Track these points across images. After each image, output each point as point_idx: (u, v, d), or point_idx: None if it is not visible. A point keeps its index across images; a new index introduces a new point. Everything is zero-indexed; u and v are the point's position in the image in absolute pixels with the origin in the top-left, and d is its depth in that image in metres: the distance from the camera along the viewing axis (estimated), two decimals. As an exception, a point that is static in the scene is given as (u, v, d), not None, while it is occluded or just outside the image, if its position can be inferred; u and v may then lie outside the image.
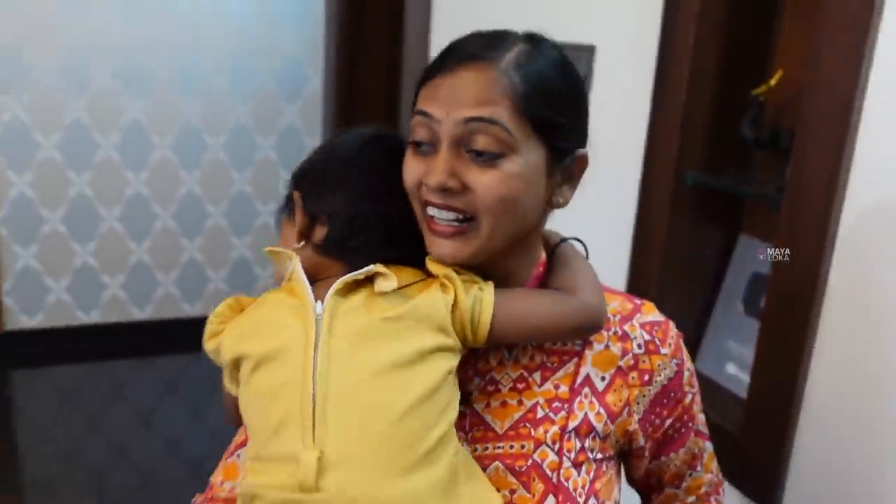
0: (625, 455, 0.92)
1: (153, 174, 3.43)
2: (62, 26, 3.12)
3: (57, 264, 3.38)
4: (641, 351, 0.87)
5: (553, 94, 0.77)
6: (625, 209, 1.60)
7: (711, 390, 1.51)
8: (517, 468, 0.81)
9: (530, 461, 0.81)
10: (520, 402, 0.83)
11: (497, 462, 0.82)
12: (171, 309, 3.62)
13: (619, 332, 0.87)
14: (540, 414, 0.83)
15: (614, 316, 0.88)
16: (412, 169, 0.79)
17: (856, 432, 1.15)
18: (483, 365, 0.85)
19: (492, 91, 0.74)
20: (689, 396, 0.93)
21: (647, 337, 0.88)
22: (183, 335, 3.51)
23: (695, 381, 0.94)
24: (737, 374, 1.48)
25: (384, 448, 0.70)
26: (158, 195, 3.47)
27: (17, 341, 3.37)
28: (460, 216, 0.77)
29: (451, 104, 0.75)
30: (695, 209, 1.51)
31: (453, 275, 0.77)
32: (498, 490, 0.79)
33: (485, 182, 0.75)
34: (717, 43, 1.41)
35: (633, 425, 0.87)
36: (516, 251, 0.83)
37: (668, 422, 0.90)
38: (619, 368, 0.86)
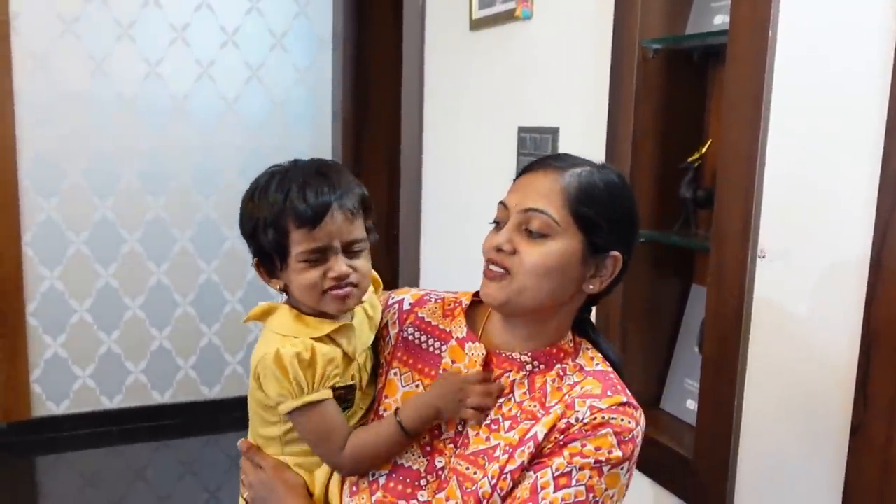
0: None
1: (174, 265, 3.68)
2: (92, 136, 3.44)
3: (83, 352, 3.60)
4: (574, 422, 0.97)
5: (596, 200, 1.01)
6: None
7: (674, 425, 1.67)
8: (465, 487, 1.00)
9: (474, 486, 0.99)
10: (487, 438, 1.02)
11: (455, 476, 1.01)
12: (191, 392, 3.80)
13: (569, 402, 0.99)
14: (496, 453, 1.00)
15: (582, 395, 1.00)
16: (488, 238, 1.05)
17: (789, 446, 1.31)
18: None
19: (552, 190, 1.00)
20: (562, 460, 0.95)
21: (587, 416, 0.97)
22: (201, 417, 3.70)
23: (584, 472, 0.94)
24: (694, 408, 1.64)
25: None
26: (179, 285, 3.71)
27: (44, 427, 3.55)
28: (504, 270, 1.01)
29: (521, 197, 1.02)
30: (649, 264, 1.70)
31: None
32: (449, 499, 0.99)
33: (530, 251, 1.00)
34: (654, 120, 1.64)
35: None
36: (538, 320, 1.05)
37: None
38: (556, 427, 0.98)
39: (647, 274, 1.71)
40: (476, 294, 1.17)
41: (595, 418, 0.96)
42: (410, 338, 1.15)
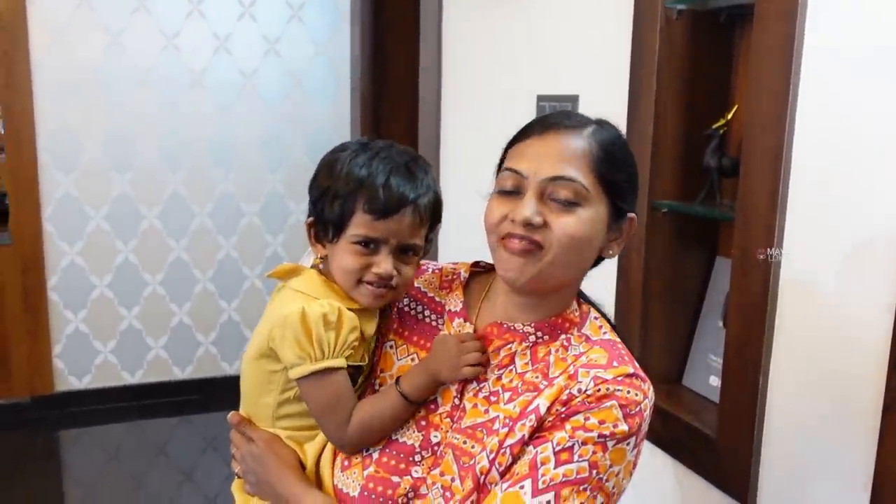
0: None
1: (192, 241, 3.68)
2: (109, 110, 3.43)
3: (104, 328, 3.61)
4: (577, 393, 0.91)
5: (617, 161, 0.96)
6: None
7: (697, 401, 1.62)
8: (462, 462, 0.95)
9: (472, 461, 0.93)
10: (486, 411, 0.97)
11: (451, 449, 0.96)
12: (210, 368, 3.80)
13: (573, 372, 0.94)
14: (495, 426, 0.95)
15: (586, 365, 0.95)
16: (496, 209, 0.96)
17: (818, 425, 1.25)
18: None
19: (575, 154, 0.94)
20: (563, 434, 0.89)
21: (591, 386, 0.91)
22: (221, 393, 3.71)
23: (588, 447, 0.88)
24: (717, 385, 1.58)
25: None
26: (197, 261, 3.71)
27: (67, 402, 3.58)
28: (535, 245, 0.93)
29: (539, 163, 0.94)
30: (671, 235, 1.64)
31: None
32: (444, 474, 0.95)
33: (562, 221, 0.93)
34: (678, 85, 1.57)
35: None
36: (559, 287, 0.99)
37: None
38: (558, 399, 0.92)
39: (669, 246, 1.64)
40: (475, 265, 1.13)
41: (599, 390, 0.90)
42: (407, 308, 1.11)
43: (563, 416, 0.91)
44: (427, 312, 1.09)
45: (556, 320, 1.01)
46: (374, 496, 0.96)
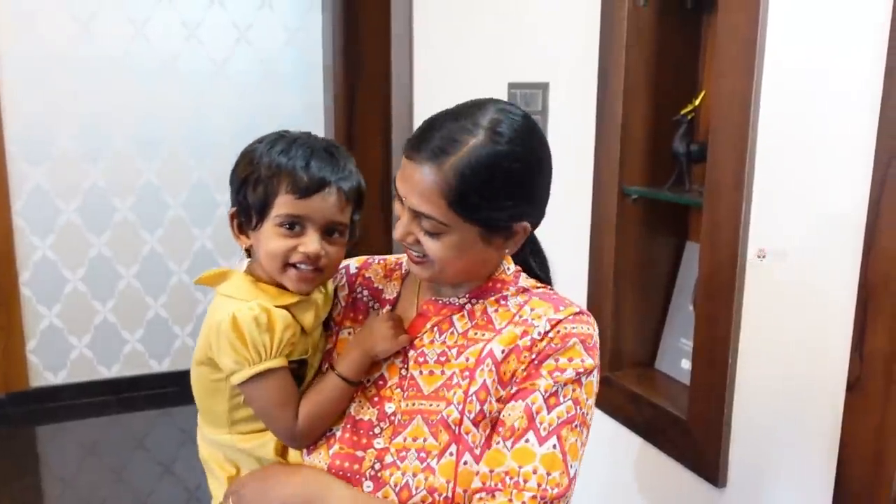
0: None
1: (167, 232, 3.64)
2: (79, 99, 3.38)
3: (79, 322, 3.58)
4: (538, 337, 0.98)
5: (482, 192, 0.95)
6: (581, 226, 1.76)
7: (669, 385, 1.64)
8: (431, 421, 0.99)
9: (440, 416, 0.98)
10: (442, 372, 1.02)
11: (419, 416, 1.00)
12: (188, 361, 3.77)
13: (522, 321, 1.01)
14: (455, 381, 1.00)
15: (534, 315, 1.02)
16: (396, 225, 1.02)
17: (785, 403, 1.28)
18: (417, 342, 1.06)
19: (433, 193, 0.95)
20: (546, 381, 0.96)
21: (547, 328, 0.99)
22: (199, 385, 3.68)
23: (569, 387, 0.96)
24: (689, 368, 1.61)
25: None
26: (173, 252, 3.68)
27: (42, 397, 3.54)
28: (422, 255, 1.01)
29: (409, 191, 0.97)
30: (641, 221, 1.66)
31: None
32: (416, 438, 0.98)
33: (430, 246, 0.99)
34: (646, 72, 1.58)
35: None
36: (471, 278, 1.06)
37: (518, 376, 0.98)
38: (517, 346, 0.98)
39: (639, 232, 1.66)
40: None
41: (559, 331, 0.97)
42: (360, 297, 1.15)
43: (536, 363, 0.97)
44: (374, 301, 1.14)
45: (487, 284, 1.06)
46: (341, 473, 1.00)
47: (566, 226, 1.79)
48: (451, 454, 0.96)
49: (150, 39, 3.44)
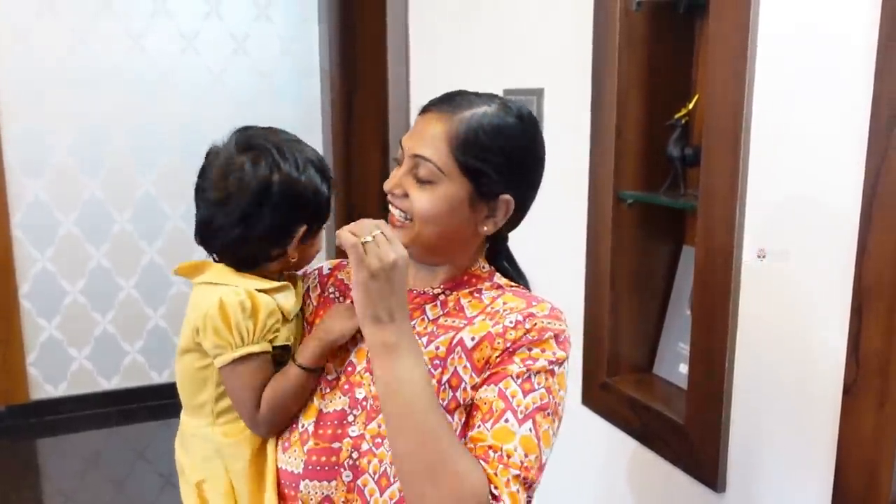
0: None
1: (166, 243, 3.64)
2: (76, 112, 3.38)
3: (78, 334, 3.57)
4: (511, 325, 0.99)
5: (482, 146, 0.99)
6: (577, 231, 1.75)
7: (667, 389, 1.63)
8: None
9: None
10: None
11: None
12: (188, 371, 3.77)
13: (494, 312, 1.02)
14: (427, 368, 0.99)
15: (507, 309, 1.02)
16: (390, 177, 1.04)
17: (782, 407, 1.27)
18: None
19: (439, 136, 0.99)
20: (519, 367, 0.96)
21: (519, 318, 0.99)
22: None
23: (542, 375, 0.96)
24: (687, 372, 1.60)
25: None
26: (172, 263, 3.66)
27: (43, 410, 3.54)
28: (405, 215, 1.02)
29: (414, 140, 1.01)
30: (637, 226, 1.65)
31: None
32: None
33: (418, 196, 1.00)
34: (640, 76, 1.58)
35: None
36: (444, 254, 1.06)
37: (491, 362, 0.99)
38: (489, 333, 0.99)
39: (635, 237, 1.66)
40: None
41: (535, 324, 0.99)
42: (331, 296, 1.16)
43: (510, 350, 0.97)
44: (344, 298, 1.15)
45: (462, 277, 1.08)
46: (318, 467, 1.00)
47: (562, 231, 1.79)
48: None
49: (147, 51, 3.45)
